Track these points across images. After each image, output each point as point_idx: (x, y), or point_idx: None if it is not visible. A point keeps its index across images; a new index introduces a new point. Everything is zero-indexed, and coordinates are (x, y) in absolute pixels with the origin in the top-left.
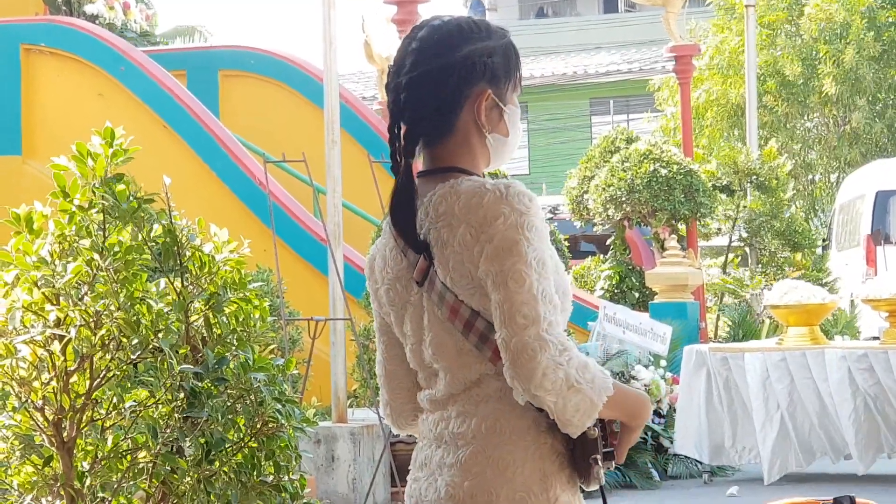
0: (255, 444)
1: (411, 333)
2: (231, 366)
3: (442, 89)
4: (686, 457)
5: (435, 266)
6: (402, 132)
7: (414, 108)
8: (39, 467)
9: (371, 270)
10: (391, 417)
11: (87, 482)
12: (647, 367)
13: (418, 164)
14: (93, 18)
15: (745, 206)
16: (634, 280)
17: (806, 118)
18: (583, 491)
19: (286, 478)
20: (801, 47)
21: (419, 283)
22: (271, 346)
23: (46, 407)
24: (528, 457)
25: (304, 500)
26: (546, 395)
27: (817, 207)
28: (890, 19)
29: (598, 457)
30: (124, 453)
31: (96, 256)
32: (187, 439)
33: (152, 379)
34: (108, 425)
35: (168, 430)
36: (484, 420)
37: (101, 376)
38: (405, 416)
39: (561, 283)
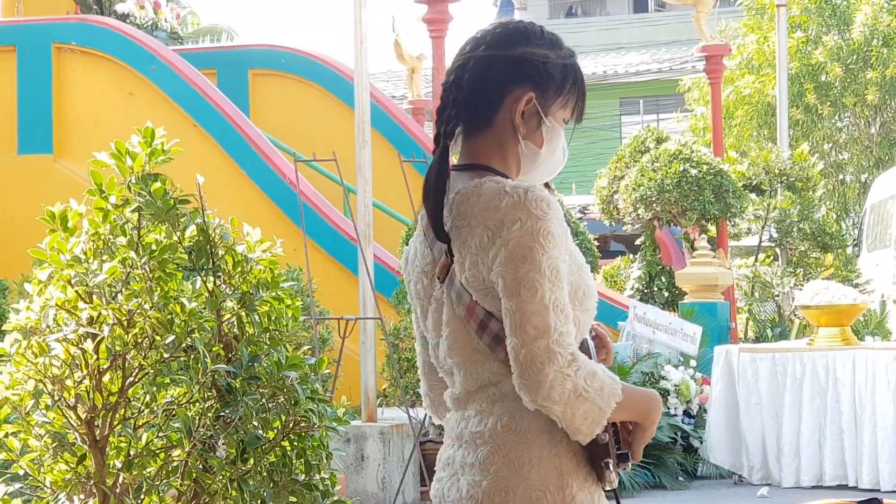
0: (286, 443)
1: (432, 328)
2: (264, 364)
3: (486, 78)
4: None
5: (454, 264)
6: (445, 115)
7: (458, 90)
8: (72, 465)
9: (406, 262)
10: (431, 407)
11: (120, 480)
12: (676, 367)
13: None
14: (124, 17)
15: (775, 207)
16: (664, 280)
17: (837, 118)
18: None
19: (317, 476)
20: (845, 50)
21: (440, 280)
22: (305, 348)
23: (79, 405)
24: (545, 455)
25: (335, 499)
26: (553, 406)
27: (848, 208)
28: None
29: (610, 461)
30: (157, 451)
31: (132, 254)
32: (221, 437)
33: (185, 377)
34: (140, 423)
35: (202, 429)
36: (500, 419)
37: (133, 375)
38: (444, 407)
39: (583, 284)
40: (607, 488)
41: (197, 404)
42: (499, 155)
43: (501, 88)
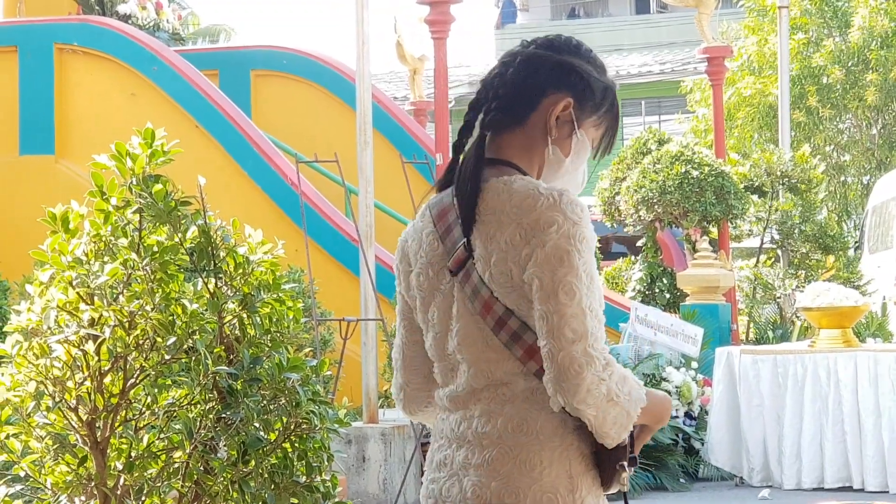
0: (287, 445)
1: (437, 322)
2: (265, 366)
3: (530, 77)
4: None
5: (474, 259)
6: (485, 106)
7: (501, 84)
8: (73, 467)
9: (403, 253)
10: (404, 402)
11: (121, 482)
12: (678, 368)
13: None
14: (125, 18)
15: (777, 209)
16: (666, 281)
17: (839, 120)
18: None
19: (318, 478)
20: (845, 52)
21: (453, 273)
22: (307, 349)
23: (80, 407)
24: (556, 458)
25: (336, 501)
26: (588, 409)
27: (850, 210)
28: None
29: (625, 463)
30: (158, 453)
31: (133, 256)
32: (222, 439)
33: (186, 379)
34: (141, 425)
35: (203, 431)
36: (510, 420)
37: (134, 376)
38: (418, 402)
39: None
40: (614, 489)
41: (198, 406)
42: (525, 155)
43: (543, 89)
